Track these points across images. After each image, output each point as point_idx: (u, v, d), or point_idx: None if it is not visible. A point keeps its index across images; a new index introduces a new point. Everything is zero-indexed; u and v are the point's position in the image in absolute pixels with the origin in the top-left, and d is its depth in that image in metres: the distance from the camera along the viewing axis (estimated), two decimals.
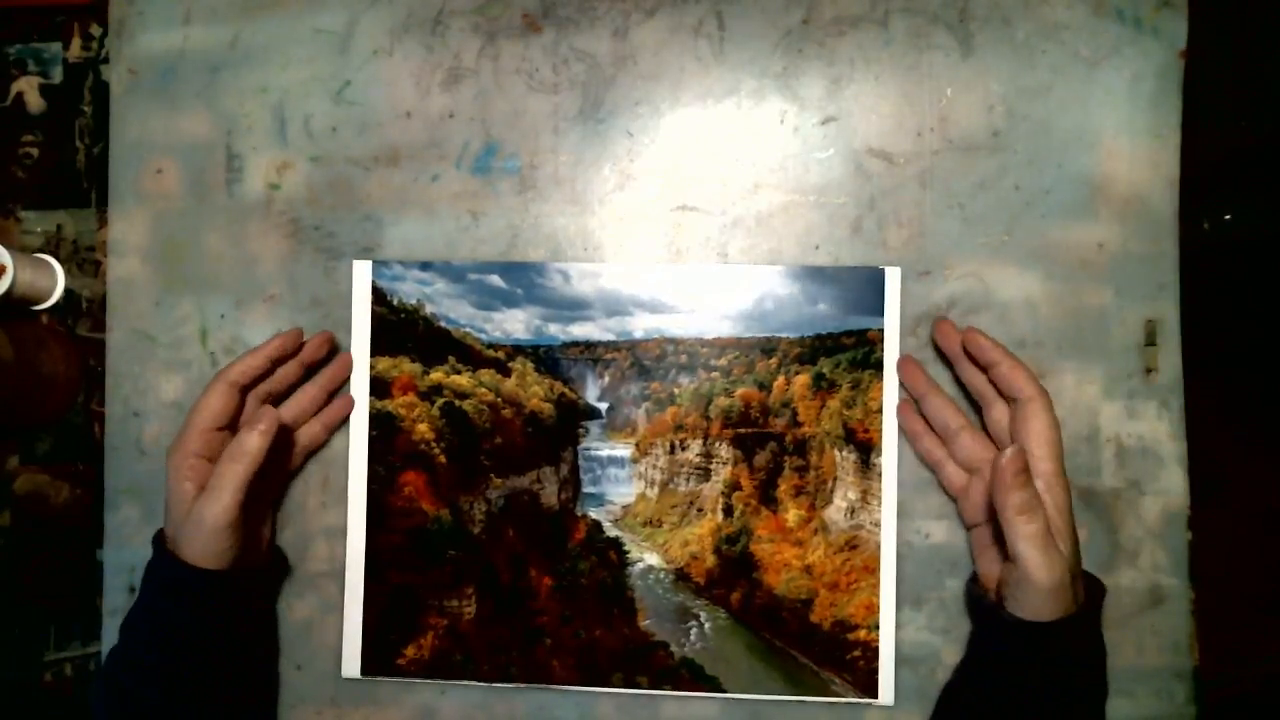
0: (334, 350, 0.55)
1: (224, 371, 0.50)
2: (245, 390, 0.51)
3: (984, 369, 0.50)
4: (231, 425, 0.49)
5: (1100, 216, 0.53)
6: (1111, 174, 0.53)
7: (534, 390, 0.56)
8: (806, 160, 0.55)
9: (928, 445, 0.52)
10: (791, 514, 0.54)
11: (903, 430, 0.53)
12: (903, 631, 0.53)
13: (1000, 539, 0.46)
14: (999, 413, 0.49)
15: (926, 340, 0.54)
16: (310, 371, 0.54)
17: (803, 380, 0.54)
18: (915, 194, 0.54)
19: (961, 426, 0.50)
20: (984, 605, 0.47)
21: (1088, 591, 0.46)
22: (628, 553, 0.56)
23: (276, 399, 0.53)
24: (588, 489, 0.56)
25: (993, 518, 0.47)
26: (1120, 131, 0.54)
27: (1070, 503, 0.46)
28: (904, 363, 0.53)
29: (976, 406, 0.52)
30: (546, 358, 0.56)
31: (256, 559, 0.52)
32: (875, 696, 0.53)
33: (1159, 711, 0.52)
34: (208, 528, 0.44)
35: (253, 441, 0.45)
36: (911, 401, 0.53)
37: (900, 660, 0.53)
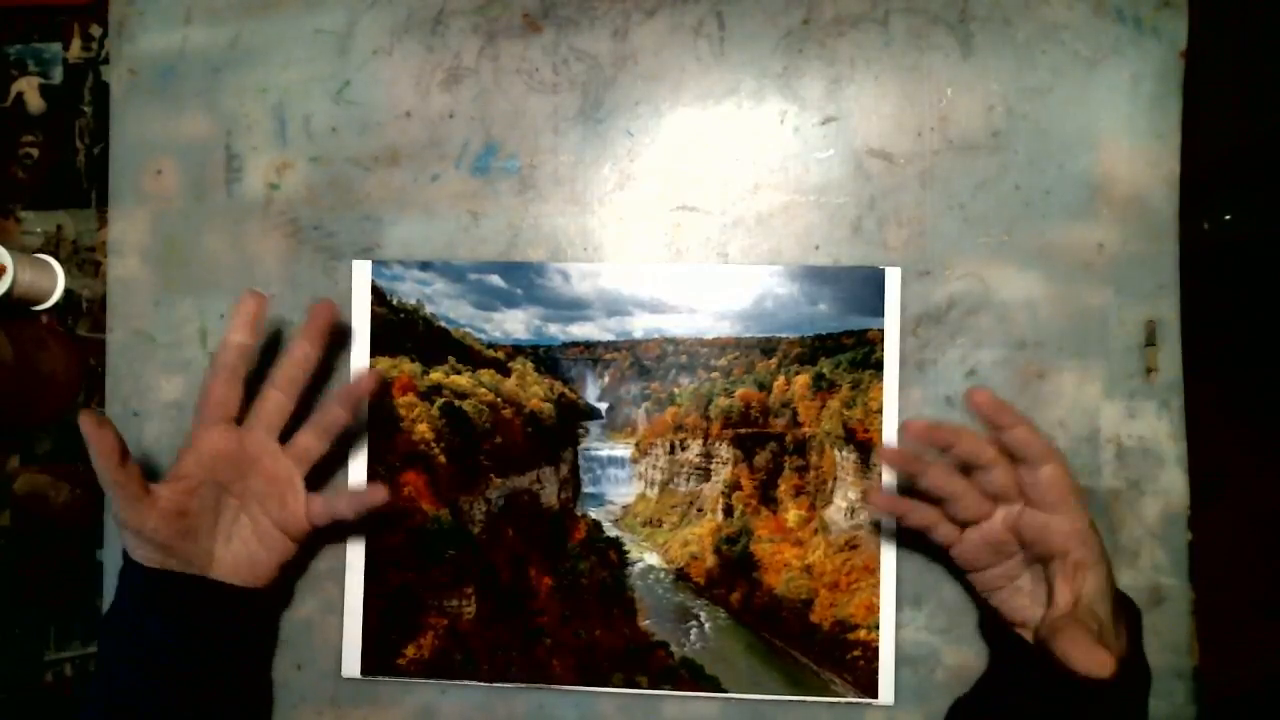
0: (335, 328, 0.50)
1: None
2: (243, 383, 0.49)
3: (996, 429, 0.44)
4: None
5: (1100, 217, 0.53)
6: (1111, 174, 0.53)
7: (534, 390, 0.56)
8: (806, 160, 0.55)
9: (919, 516, 0.47)
10: (791, 514, 0.54)
11: (892, 512, 0.48)
12: (903, 631, 0.53)
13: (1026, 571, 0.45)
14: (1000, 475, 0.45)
15: (927, 340, 0.54)
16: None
17: (803, 380, 0.54)
18: (915, 194, 0.54)
19: (995, 458, 0.44)
20: (1027, 652, 0.45)
21: (1130, 635, 0.45)
22: (628, 553, 0.56)
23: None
24: (588, 489, 0.56)
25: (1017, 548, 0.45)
26: (1120, 132, 0.53)
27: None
28: (895, 454, 0.47)
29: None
30: (546, 358, 0.56)
31: (250, 580, 0.49)
32: (875, 696, 0.53)
33: (1159, 711, 0.52)
34: (128, 530, 0.46)
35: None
36: (887, 488, 0.49)
37: (900, 660, 0.53)
